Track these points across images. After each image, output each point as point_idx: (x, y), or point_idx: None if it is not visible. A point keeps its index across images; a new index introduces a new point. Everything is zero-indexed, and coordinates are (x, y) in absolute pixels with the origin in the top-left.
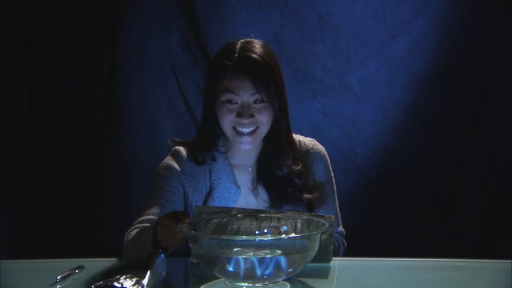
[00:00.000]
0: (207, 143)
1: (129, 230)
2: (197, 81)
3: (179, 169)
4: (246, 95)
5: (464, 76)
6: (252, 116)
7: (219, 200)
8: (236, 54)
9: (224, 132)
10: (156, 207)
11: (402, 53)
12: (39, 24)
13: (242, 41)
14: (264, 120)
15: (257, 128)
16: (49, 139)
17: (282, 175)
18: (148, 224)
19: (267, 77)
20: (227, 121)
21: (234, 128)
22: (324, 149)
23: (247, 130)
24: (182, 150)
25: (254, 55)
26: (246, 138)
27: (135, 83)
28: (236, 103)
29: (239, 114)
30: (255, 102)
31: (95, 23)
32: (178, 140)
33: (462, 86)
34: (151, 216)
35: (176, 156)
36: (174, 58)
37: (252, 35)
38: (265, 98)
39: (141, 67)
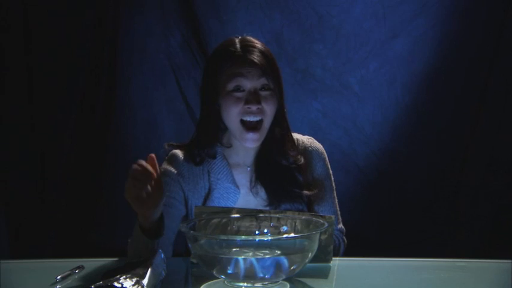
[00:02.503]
0: (208, 140)
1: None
2: (197, 81)
3: (177, 173)
4: (253, 79)
5: (464, 76)
6: (259, 102)
7: (218, 201)
8: (238, 45)
9: (230, 127)
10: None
11: (402, 53)
12: (40, 24)
13: (239, 37)
14: (268, 110)
15: (262, 120)
16: (49, 139)
17: (285, 165)
18: None
19: (272, 64)
20: (235, 112)
21: (241, 121)
22: (321, 146)
23: (255, 119)
24: (179, 153)
25: (257, 44)
26: (251, 136)
27: (135, 83)
28: (243, 90)
29: (247, 101)
30: (261, 88)
31: (95, 23)
32: (174, 143)
33: (462, 86)
34: None
35: (173, 160)
36: (174, 58)
37: (250, 34)
38: (271, 84)
39: (141, 67)
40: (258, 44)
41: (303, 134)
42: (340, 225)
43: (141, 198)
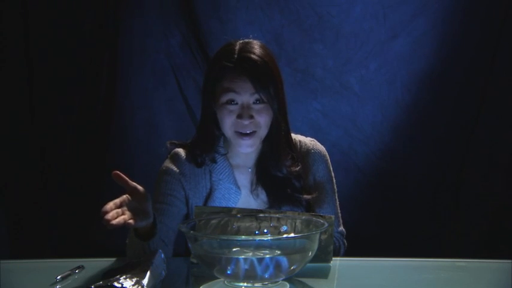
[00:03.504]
0: (207, 145)
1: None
2: (197, 81)
3: (179, 172)
4: (246, 95)
5: (464, 76)
6: (251, 117)
7: (219, 201)
8: (235, 55)
9: (225, 134)
10: (159, 213)
11: (402, 53)
12: (40, 25)
13: (241, 41)
14: (262, 122)
15: (255, 131)
16: (49, 139)
17: (281, 176)
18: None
19: (266, 78)
20: (228, 124)
21: (235, 131)
22: (324, 148)
23: (247, 131)
24: (181, 152)
25: (253, 56)
26: (246, 141)
27: (135, 83)
28: (236, 104)
29: (239, 116)
30: (254, 102)
31: (95, 24)
32: (177, 142)
33: (462, 86)
34: None
35: (175, 159)
36: (174, 58)
37: (251, 36)
38: (264, 99)
39: (141, 67)
40: (257, 54)
41: (304, 135)
42: (341, 228)
43: (128, 223)
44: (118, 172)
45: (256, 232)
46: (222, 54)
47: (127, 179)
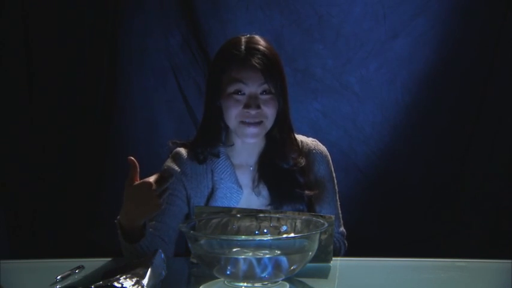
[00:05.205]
0: (210, 139)
1: None
2: (197, 81)
3: (180, 171)
4: (254, 85)
5: (464, 76)
6: (258, 107)
7: (221, 201)
8: (243, 46)
9: (229, 125)
10: (160, 212)
11: (402, 53)
12: (40, 25)
13: (246, 36)
14: (269, 113)
15: (262, 121)
16: (49, 139)
17: (285, 169)
18: (151, 230)
19: (274, 69)
20: (234, 113)
21: (241, 122)
22: (325, 149)
23: (254, 122)
24: (183, 151)
25: (261, 47)
26: (251, 130)
27: (135, 83)
28: (243, 94)
29: (246, 106)
30: (261, 93)
31: (95, 23)
32: (178, 141)
33: (462, 86)
34: (153, 222)
35: (177, 158)
36: (174, 58)
37: (254, 33)
38: (272, 89)
39: (141, 67)
40: (264, 46)
41: (304, 135)
42: (342, 229)
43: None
44: (134, 160)
45: (256, 232)
46: (229, 46)
47: (136, 172)
